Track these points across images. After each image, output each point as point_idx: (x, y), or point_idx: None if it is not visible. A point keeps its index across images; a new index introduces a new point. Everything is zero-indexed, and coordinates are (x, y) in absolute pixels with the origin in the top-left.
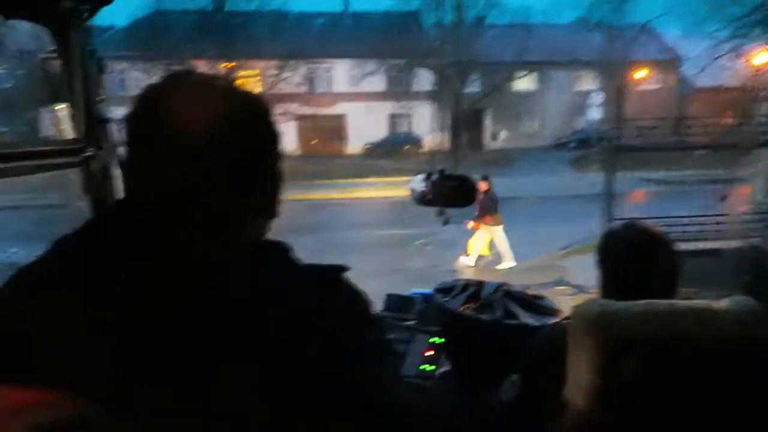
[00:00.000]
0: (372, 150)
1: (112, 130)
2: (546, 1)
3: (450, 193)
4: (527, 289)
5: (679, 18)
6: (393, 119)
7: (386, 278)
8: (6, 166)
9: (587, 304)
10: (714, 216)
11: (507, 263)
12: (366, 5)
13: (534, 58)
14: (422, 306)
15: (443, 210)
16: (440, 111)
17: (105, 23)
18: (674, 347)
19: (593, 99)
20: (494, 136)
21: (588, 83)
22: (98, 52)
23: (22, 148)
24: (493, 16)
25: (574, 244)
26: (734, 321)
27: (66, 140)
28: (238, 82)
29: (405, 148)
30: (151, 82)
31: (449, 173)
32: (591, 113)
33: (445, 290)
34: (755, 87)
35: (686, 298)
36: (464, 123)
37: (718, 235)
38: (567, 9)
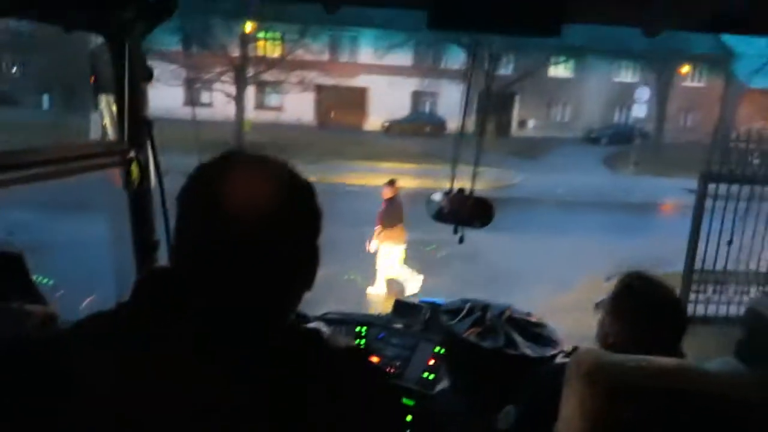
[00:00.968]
0: (391, 127)
1: (152, 132)
2: None
3: (465, 213)
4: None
5: None
6: (417, 97)
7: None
8: (57, 169)
9: (585, 354)
10: None
11: (409, 286)
12: None
13: (574, 42)
14: (429, 314)
15: (458, 228)
16: (468, 92)
17: None
18: (663, 403)
19: (638, 94)
20: (522, 124)
21: (629, 75)
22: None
23: (71, 150)
24: None
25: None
26: (717, 383)
27: (110, 142)
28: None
29: (426, 129)
30: (204, 162)
31: (469, 193)
32: (635, 109)
33: (453, 312)
34: None
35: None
36: (493, 107)
37: None
38: None
